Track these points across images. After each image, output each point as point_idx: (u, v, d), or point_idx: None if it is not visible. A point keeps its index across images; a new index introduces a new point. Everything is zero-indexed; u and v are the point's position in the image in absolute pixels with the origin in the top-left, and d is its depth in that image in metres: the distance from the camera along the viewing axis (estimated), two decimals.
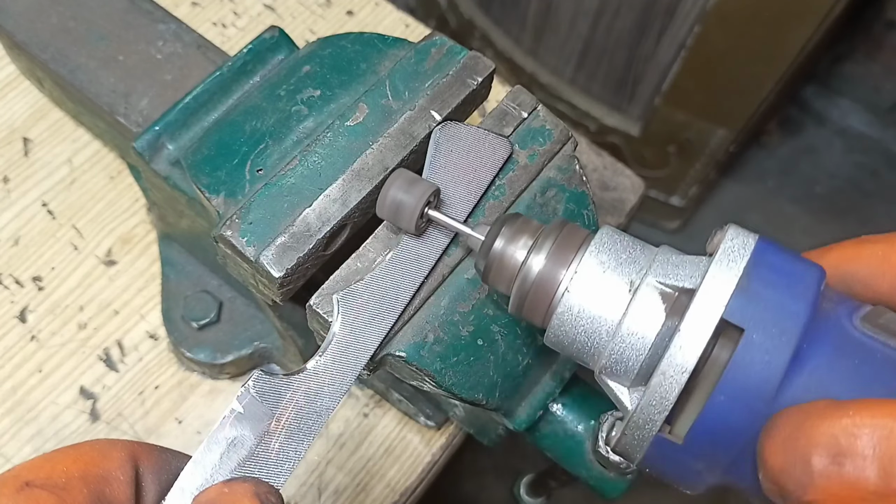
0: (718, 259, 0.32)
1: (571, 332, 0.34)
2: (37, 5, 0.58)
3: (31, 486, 0.29)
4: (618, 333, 0.33)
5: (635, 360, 0.33)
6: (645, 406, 0.31)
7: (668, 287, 0.33)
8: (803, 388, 0.30)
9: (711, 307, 0.30)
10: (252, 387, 0.35)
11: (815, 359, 0.30)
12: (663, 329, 0.32)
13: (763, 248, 0.32)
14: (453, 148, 0.43)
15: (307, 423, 0.36)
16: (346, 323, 0.38)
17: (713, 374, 0.31)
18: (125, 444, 0.32)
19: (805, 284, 0.31)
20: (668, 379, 0.31)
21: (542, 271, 0.35)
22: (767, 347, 0.30)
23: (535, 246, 0.35)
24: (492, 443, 0.57)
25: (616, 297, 0.34)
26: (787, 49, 1.24)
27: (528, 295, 0.35)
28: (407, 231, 0.39)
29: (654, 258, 0.34)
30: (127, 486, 0.31)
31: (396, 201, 0.38)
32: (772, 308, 0.30)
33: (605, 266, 0.34)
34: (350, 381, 0.37)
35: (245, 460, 0.34)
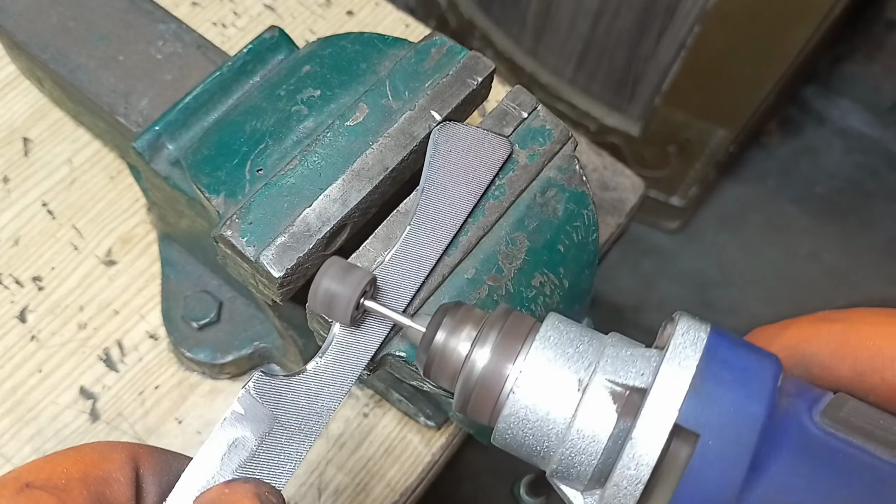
0: (669, 357, 0.30)
1: (520, 435, 0.33)
2: (37, 5, 0.58)
3: (31, 488, 0.29)
4: (568, 436, 0.31)
5: (587, 464, 0.31)
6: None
7: (619, 386, 0.31)
8: (764, 496, 0.29)
9: (664, 411, 0.29)
10: (252, 388, 0.35)
11: (776, 464, 0.29)
12: (615, 431, 0.31)
13: (715, 344, 0.31)
14: (452, 148, 0.42)
15: (308, 423, 0.36)
16: None
17: (668, 481, 0.30)
18: (125, 445, 0.32)
19: (761, 382, 0.30)
20: (622, 490, 0.29)
21: (488, 366, 0.33)
22: (724, 454, 0.28)
23: (479, 337, 0.33)
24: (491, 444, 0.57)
25: (565, 397, 0.32)
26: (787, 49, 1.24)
27: (472, 392, 0.33)
28: (342, 324, 0.37)
29: (604, 352, 0.32)
30: (127, 487, 0.31)
31: (329, 293, 0.35)
32: (727, 410, 0.29)
33: (552, 362, 0.32)
34: (351, 382, 0.37)
35: (246, 461, 0.34)
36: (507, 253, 0.43)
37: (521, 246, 0.44)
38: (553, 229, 0.45)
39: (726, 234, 1.70)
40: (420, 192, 0.41)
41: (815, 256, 1.70)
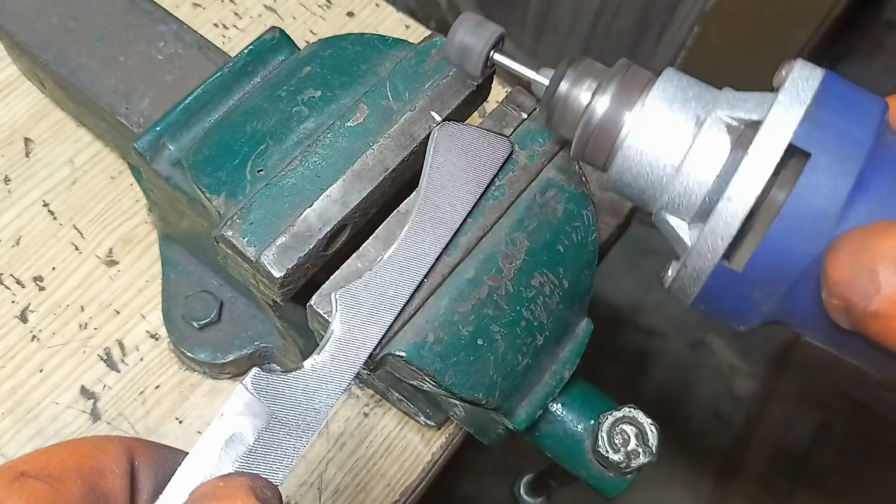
0: (786, 89, 0.32)
1: (635, 170, 0.34)
2: (37, 6, 0.58)
3: (25, 477, 0.29)
4: (683, 167, 0.33)
5: (699, 193, 0.33)
6: (707, 234, 0.31)
7: (735, 120, 0.33)
8: (866, 211, 0.31)
9: (780, 133, 0.31)
10: (250, 384, 0.35)
11: (878, 184, 0.31)
12: (729, 161, 0.32)
13: (830, 80, 0.33)
14: (452, 148, 0.43)
15: (306, 420, 0.36)
16: (345, 321, 0.38)
17: (772, 210, 0.31)
18: (121, 439, 0.33)
19: (870, 114, 0.32)
20: (733, 204, 0.31)
21: (607, 113, 0.35)
22: (833, 171, 0.30)
23: (600, 88, 0.35)
24: (492, 442, 0.57)
25: (682, 133, 0.34)
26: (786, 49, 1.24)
27: (591, 136, 0.35)
28: (472, 76, 0.40)
29: (721, 94, 0.34)
30: (121, 478, 0.31)
31: (463, 45, 0.38)
32: (838, 134, 0.31)
33: (671, 102, 0.34)
34: (349, 379, 0.37)
35: (243, 456, 0.34)
36: (506, 253, 0.43)
37: (520, 246, 0.44)
38: (553, 229, 0.45)
39: None
40: (420, 191, 0.41)
41: None
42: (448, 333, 0.41)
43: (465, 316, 0.42)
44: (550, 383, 0.48)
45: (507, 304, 0.43)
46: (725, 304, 0.33)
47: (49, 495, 0.29)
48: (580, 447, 0.50)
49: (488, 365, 0.42)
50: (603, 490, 0.51)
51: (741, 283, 0.32)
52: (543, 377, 0.48)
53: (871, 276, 0.28)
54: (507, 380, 0.44)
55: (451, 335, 0.41)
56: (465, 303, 0.42)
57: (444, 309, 0.41)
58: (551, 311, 0.45)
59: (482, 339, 0.42)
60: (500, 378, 0.43)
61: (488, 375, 0.43)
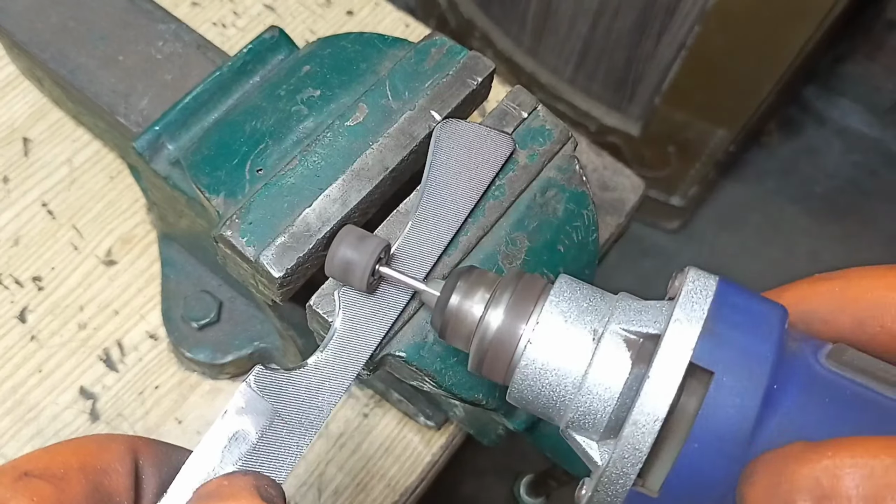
0: (682, 302, 0.31)
1: (535, 387, 0.33)
2: (37, 5, 0.58)
3: (29, 476, 0.29)
4: (584, 385, 0.32)
5: (603, 411, 0.32)
6: (617, 459, 0.30)
7: (633, 334, 0.32)
8: (777, 430, 0.30)
9: (679, 351, 0.30)
10: (253, 381, 0.35)
11: (787, 400, 0.30)
12: (630, 377, 0.32)
13: (724, 290, 0.32)
14: (454, 145, 0.43)
15: (308, 418, 0.36)
16: (348, 319, 0.38)
17: (683, 424, 0.30)
18: (125, 437, 0.33)
19: (770, 324, 0.31)
20: (640, 429, 0.30)
21: (501, 326, 0.34)
22: (738, 390, 0.29)
23: (493, 299, 0.34)
24: (492, 443, 0.57)
25: (579, 348, 0.33)
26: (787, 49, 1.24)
27: (487, 352, 0.34)
28: (358, 289, 0.38)
29: (616, 305, 0.33)
30: (125, 477, 0.31)
31: (346, 260, 0.36)
32: (739, 350, 0.30)
33: (566, 316, 0.33)
34: (351, 377, 0.37)
35: (246, 454, 0.34)
36: (507, 253, 0.43)
37: (521, 246, 0.44)
38: (553, 229, 0.45)
39: (726, 234, 1.70)
40: (422, 188, 0.41)
41: (815, 256, 1.70)
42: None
43: None
44: None
45: None
46: None
47: (53, 494, 0.29)
48: None
49: None
50: None
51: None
52: None
53: None
54: None
55: None
56: None
57: None
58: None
59: None
60: None
61: None
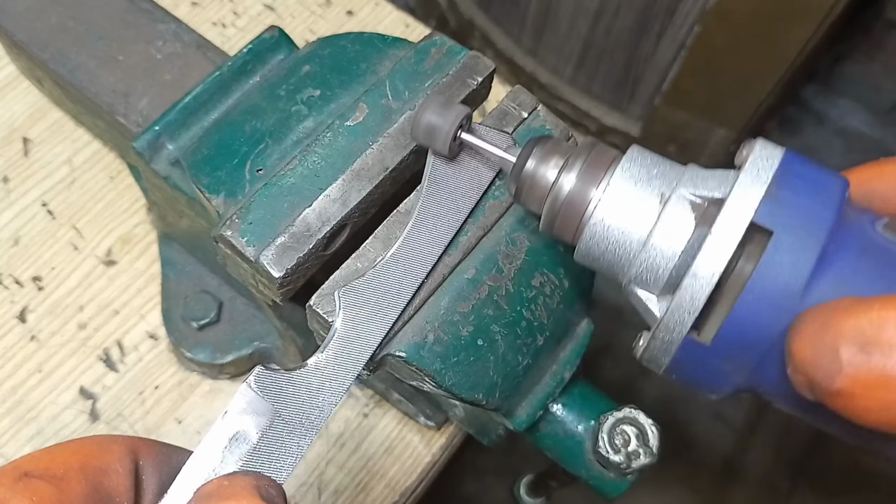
0: (747, 169, 0.32)
1: (602, 244, 0.35)
2: (37, 5, 0.58)
3: (29, 477, 0.29)
4: (648, 243, 0.34)
5: (665, 267, 0.34)
6: (675, 308, 0.32)
7: (698, 197, 0.34)
8: (829, 287, 0.31)
9: (741, 212, 0.31)
10: (254, 382, 0.35)
11: (841, 261, 0.31)
12: (693, 237, 0.33)
13: (790, 159, 0.33)
14: None
15: (309, 418, 0.36)
16: (348, 319, 0.38)
17: (739, 284, 0.32)
18: (125, 438, 0.33)
19: (831, 192, 0.33)
20: (699, 280, 0.31)
21: (573, 190, 0.36)
22: (795, 249, 0.31)
23: (566, 166, 0.36)
24: (492, 443, 0.57)
25: (647, 209, 0.34)
26: (787, 49, 1.24)
27: (559, 212, 0.36)
28: (440, 154, 0.40)
29: (684, 172, 0.35)
30: (125, 477, 0.31)
31: (430, 125, 0.39)
32: (799, 212, 0.32)
33: (636, 180, 0.35)
34: (352, 377, 0.37)
35: (247, 455, 0.34)
36: (507, 253, 0.43)
37: (521, 246, 0.44)
38: None
39: None
40: (422, 189, 0.41)
41: None
42: (448, 333, 0.41)
43: (466, 316, 0.41)
44: (551, 384, 0.48)
45: (507, 304, 0.43)
46: (695, 375, 0.34)
47: (53, 495, 0.29)
48: (580, 448, 0.50)
49: (488, 365, 0.42)
50: (603, 491, 0.51)
51: (710, 356, 0.33)
52: (544, 377, 0.48)
53: (833, 356, 0.28)
54: (507, 380, 0.44)
55: (452, 335, 0.41)
56: (465, 303, 0.41)
57: (444, 309, 0.41)
58: (552, 312, 0.45)
59: (482, 339, 0.42)
60: (500, 378, 0.43)
61: (488, 376, 0.42)
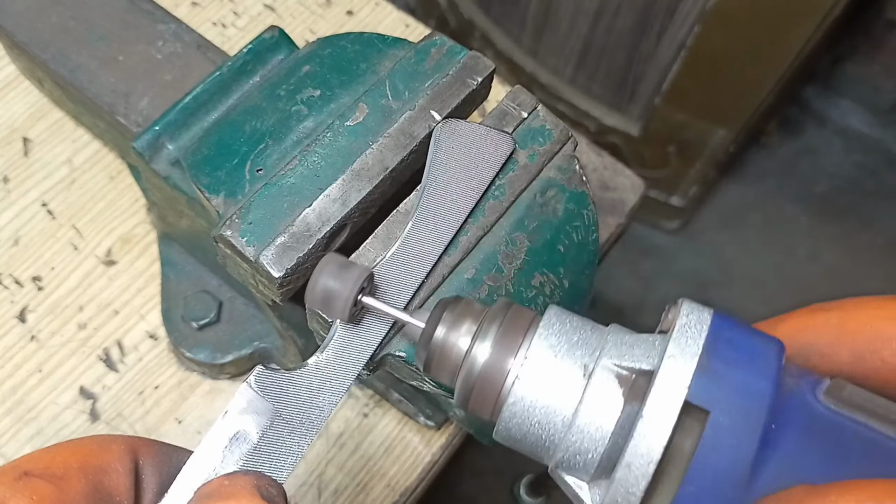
0: (675, 338, 0.30)
1: (524, 426, 0.32)
2: (37, 5, 0.58)
3: (29, 476, 0.29)
4: (574, 423, 0.31)
5: (594, 451, 0.31)
6: (610, 503, 0.29)
7: (625, 369, 0.31)
8: (777, 472, 0.29)
9: (674, 389, 0.29)
10: (254, 382, 0.35)
11: (786, 440, 0.29)
12: (623, 416, 0.30)
13: (719, 325, 0.31)
14: (454, 145, 0.42)
15: (309, 418, 0.36)
16: None
17: (678, 462, 0.29)
18: (124, 438, 0.33)
19: (766, 360, 0.30)
20: (633, 471, 0.29)
21: (489, 361, 0.32)
22: (735, 430, 0.28)
23: (480, 332, 0.33)
24: (492, 443, 0.57)
25: (570, 384, 0.31)
26: (787, 49, 1.24)
27: (474, 387, 0.33)
28: (340, 321, 0.37)
29: (607, 339, 0.32)
30: (125, 477, 0.31)
31: (326, 289, 0.35)
32: (736, 387, 0.29)
33: (555, 350, 0.32)
34: (352, 378, 0.37)
35: (247, 455, 0.34)
36: (507, 253, 0.43)
37: (521, 246, 0.44)
38: (553, 229, 0.45)
39: (726, 234, 1.70)
40: (422, 188, 0.41)
41: (815, 256, 1.70)
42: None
43: None
44: None
45: None
46: None
47: (53, 494, 0.29)
48: None
49: None
50: None
51: None
52: None
53: None
54: None
55: None
56: None
57: None
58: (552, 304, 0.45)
59: None
60: None
61: None
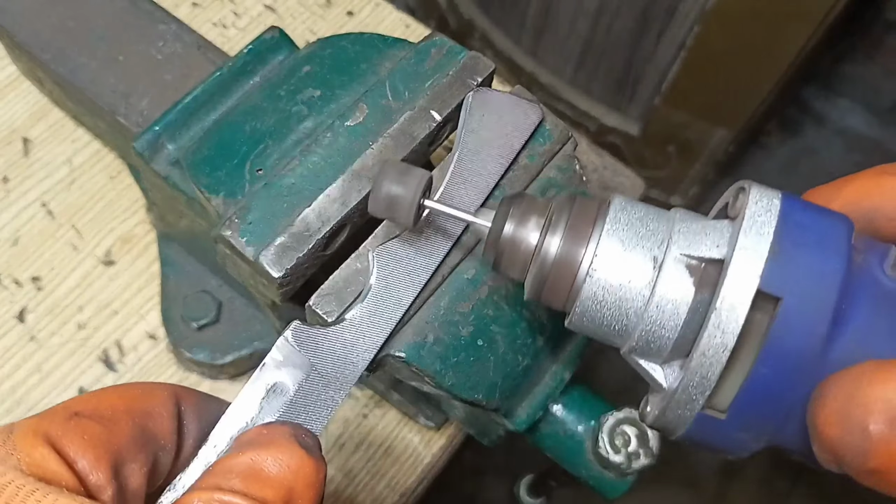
0: (745, 227, 0.30)
1: (597, 316, 0.33)
2: (37, 5, 0.58)
3: (79, 416, 0.30)
4: (647, 313, 0.32)
5: (667, 338, 0.32)
6: (685, 386, 0.30)
7: (694, 259, 0.31)
8: (847, 350, 0.29)
9: (746, 280, 0.29)
10: (291, 336, 0.36)
11: (855, 319, 0.30)
12: (694, 303, 0.31)
13: (789, 208, 0.31)
14: (485, 112, 0.43)
15: (343, 372, 0.37)
16: (382, 277, 0.39)
17: (752, 342, 0.30)
18: (168, 385, 0.34)
19: (836, 242, 0.30)
20: (708, 359, 0.30)
21: (560, 253, 0.33)
22: (807, 313, 0.29)
23: (549, 225, 0.33)
24: (492, 443, 0.57)
25: (641, 276, 0.32)
26: (787, 49, 1.24)
27: (546, 280, 0.33)
28: (405, 227, 0.37)
29: (674, 226, 0.32)
30: (169, 421, 0.32)
31: (391, 196, 0.34)
32: (807, 272, 0.29)
33: (625, 244, 0.32)
34: (385, 335, 0.38)
35: (284, 406, 0.35)
36: None
37: None
38: None
39: None
40: (454, 153, 0.42)
41: None
42: (448, 334, 0.41)
43: (465, 316, 0.41)
44: (551, 384, 0.48)
45: (507, 304, 0.43)
46: (712, 443, 0.33)
47: (102, 434, 0.30)
48: (581, 448, 0.50)
49: (488, 366, 0.42)
50: (603, 491, 0.51)
51: (725, 428, 0.31)
52: (544, 378, 0.48)
53: (863, 434, 0.27)
54: (507, 381, 0.44)
55: (451, 336, 0.41)
56: (465, 303, 0.41)
57: (444, 309, 0.41)
58: (552, 312, 0.45)
59: (482, 339, 0.42)
60: (500, 379, 0.43)
61: (488, 376, 0.42)
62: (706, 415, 0.31)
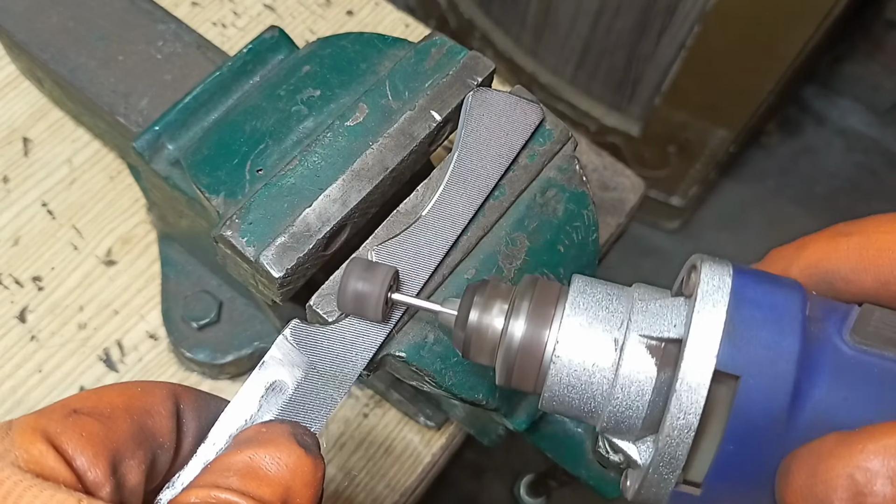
0: (699, 306, 0.31)
1: (566, 399, 0.33)
2: (37, 5, 0.58)
3: (78, 413, 0.30)
4: (613, 395, 0.32)
5: (635, 417, 0.32)
6: (656, 467, 0.31)
7: (654, 339, 0.32)
8: (810, 422, 0.30)
9: (702, 361, 0.30)
10: (290, 334, 0.36)
11: (816, 390, 0.30)
12: (658, 383, 0.32)
13: (740, 285, 0.31)
14: (485, 112, 0.43)
15: (342, 371, 0.37)
16: None
17: (719, 415, 0.31)
18: (166, 384, 0.34)
19: (791, 315, 0.31)
20: (674, 440, 0.30)
21: (525, 338, 0.33)
22: (766, 390, 0.30)
23: (512, 310, 0.34)
24: (492, 443, 0.57)
25: (604, 358, 0.33)
26: (787, 49, 1.24)
27: (514, 364, 0.34)
28: (374, 320, 0.37)
29: (633, 307, 0.33)
30: (168, 419, 0.32)
31: (357, 292, 0.36)
32: (762, 350, 0.30)
33: (585, 328, 0.33)
34: (385, 333, 0.38)
35: (283, 405, 0.35)
36: (507, 253, 0.43)
37: (521, 246, 0.44)
38: (553, 229, 0.45)
39: (726, 234, 1.70)
40: (454, 153, 0.42)
41: None
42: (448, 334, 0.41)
43: None
44: None
45: None
46: None
47: (101, 431, 0.30)
48: (580, 448, 0.50)
49: None
50: (603, 491, 0.51)
51: (702, 502, 0.32)
52: None
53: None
54: None
55: None
56: None
57: None
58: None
59: None
60: None
61: (488, 376, 0.42)
62: (681, 492, 0.32)
